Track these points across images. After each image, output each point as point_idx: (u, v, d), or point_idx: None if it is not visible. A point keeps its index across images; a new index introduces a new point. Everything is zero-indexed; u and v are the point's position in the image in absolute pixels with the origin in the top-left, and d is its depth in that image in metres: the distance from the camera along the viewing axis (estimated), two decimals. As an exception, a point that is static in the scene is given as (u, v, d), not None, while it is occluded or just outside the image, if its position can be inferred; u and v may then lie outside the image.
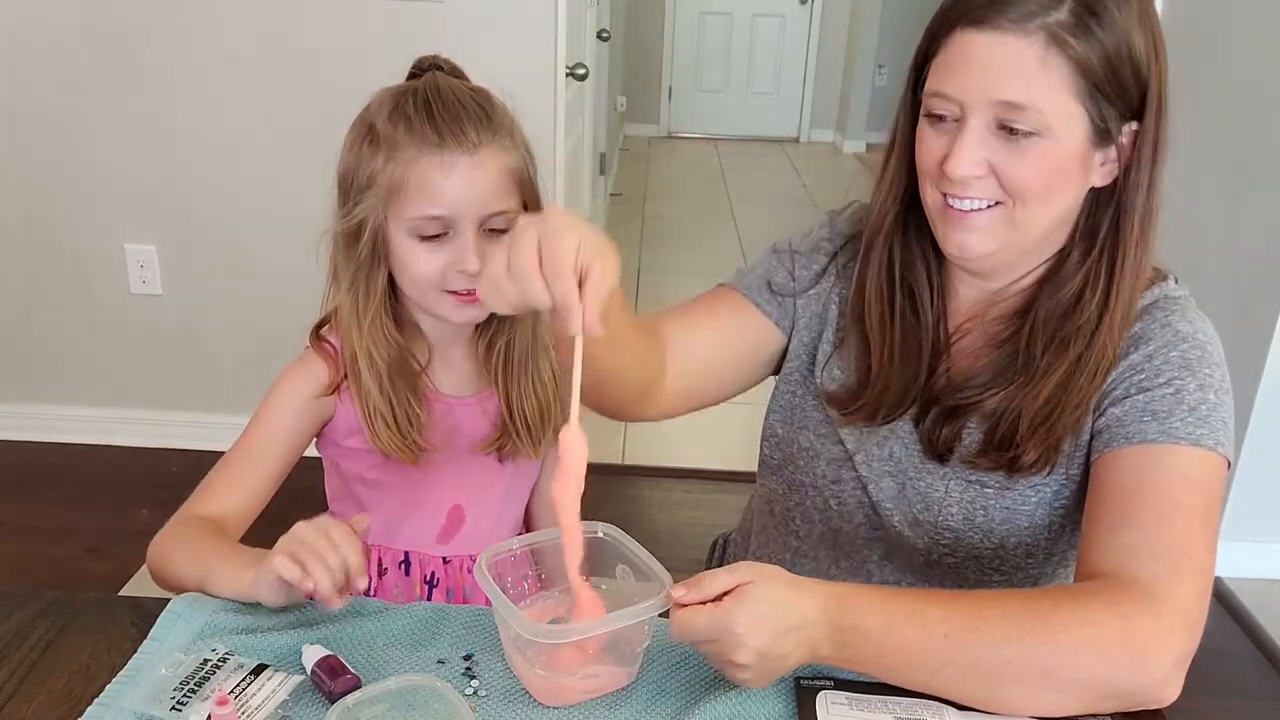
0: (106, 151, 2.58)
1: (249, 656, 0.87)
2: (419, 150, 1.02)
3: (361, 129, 1.08)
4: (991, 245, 0.95)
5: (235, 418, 3.16)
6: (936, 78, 0.93)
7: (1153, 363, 0.94)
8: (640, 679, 0.88)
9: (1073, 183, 0.93)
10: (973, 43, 0.90)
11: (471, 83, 1.11)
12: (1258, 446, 2.33)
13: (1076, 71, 0.88)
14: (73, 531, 2.45)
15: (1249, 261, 2.36)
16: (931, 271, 1.04)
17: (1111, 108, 0.90)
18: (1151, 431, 0.91)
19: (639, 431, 3.00)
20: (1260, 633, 2.26)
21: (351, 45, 2.44)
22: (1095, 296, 0.95)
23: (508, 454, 1.19)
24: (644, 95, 7.24)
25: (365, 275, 1.08)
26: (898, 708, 0.83)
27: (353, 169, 1.07)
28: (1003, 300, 1.03)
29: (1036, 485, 0.99)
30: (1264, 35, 2.37)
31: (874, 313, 1.04)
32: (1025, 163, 0.90)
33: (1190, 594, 0.84)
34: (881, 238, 1.04)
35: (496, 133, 1.05)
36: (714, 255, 4.64)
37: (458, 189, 1.02)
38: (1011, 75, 0.88)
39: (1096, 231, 0.96)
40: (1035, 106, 0.88)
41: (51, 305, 2.74)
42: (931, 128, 0.95)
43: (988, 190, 0.93)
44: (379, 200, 1.05)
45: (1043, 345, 0.97)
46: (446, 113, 1.03)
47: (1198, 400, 0.91)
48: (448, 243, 1.04)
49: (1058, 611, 0.82)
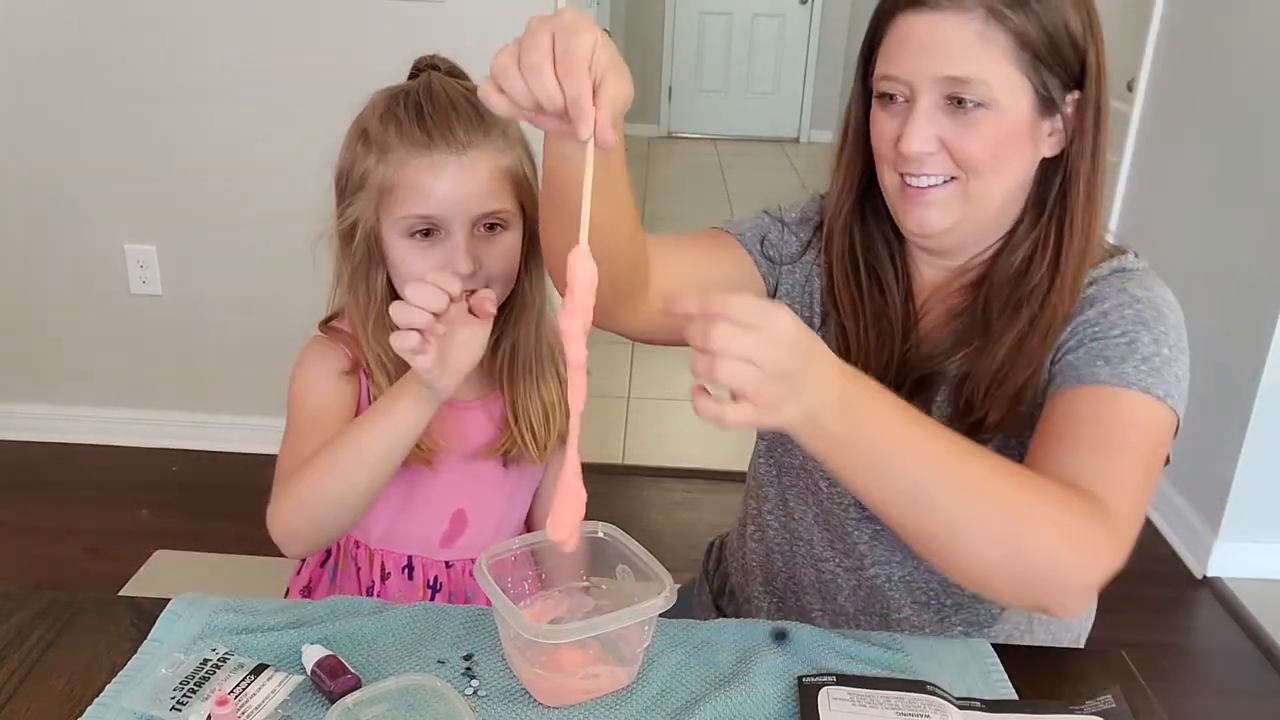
0: (106, 151, 2.58)
1: (249, 656, 0.87)
2: (408, 151, 1.02)
3: (357, 129, 1.08)
4: (949, 220, 0.98)
5: (235, 418, 3.17)
6: (884, 62, 0.97)
7: (1107, 318, 0.96)
8: (641, 679, 0.88)
9: (1022, 153, 0.96)
10: (914, 24, 0.93)
11: (470, 82, 1.10)
12: (1258, 446, 2.33)
13: (1016, 43, 0.91)
14: (73, 531, 2.45)
15: (1249, 262, 2.36)
16: (894, 253, 1.07)
17: (1053, 76, 0.93)
18: (1104, 374, 0.92)
19: (639, 431, 3.00)
20: (1260, 633, 2.26)
21: (351, 45, 2.44)
22: (1045, 259, 0.98)
23: (512, 459, 1.18)
24: (644, 95, 7.24)
25: (363, 276, 1.08)
26: (900, 703, 0.83)
27: (347, 168, 1.08)
28: (963, 275, 1.05)
29: (1004, 449, 1.00)
30: (1264, 36, 2.37)
31: (843, 297, 1.08)
32: (975, 135, 0.93)
33: (1133, 518, 0.86)
34: (841, 224, 1.07)
35: (488, 132, 1.04)
36: (714, 255, 4.63)
37: (447, 190, 1.02)
38: (954, 51, 0.92)
39: (1045, 199, 0.99)
40: (979, 79, 0.91)
41: (51, 305, 2.74)
42: (883, 110, 0.98)
43: (941, 166, 0.95)
44: (370, 201, 1.05)
45: (997, 309, 1.00)
46: (437, 114, 1.03)
47: (1150, 352, 0.93)
48: (439, 243, 1.04)
49: (1045, 485, 0.84)
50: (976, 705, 0.84)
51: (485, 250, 1.05)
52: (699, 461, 2.82)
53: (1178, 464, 0.98)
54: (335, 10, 2.45)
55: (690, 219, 5.39)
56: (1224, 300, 2.43)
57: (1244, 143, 2.41)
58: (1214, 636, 2.32)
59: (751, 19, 7.18)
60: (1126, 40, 3.01)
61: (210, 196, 2.61)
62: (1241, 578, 2.42)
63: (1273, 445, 2.33)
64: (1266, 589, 2.38)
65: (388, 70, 1.13)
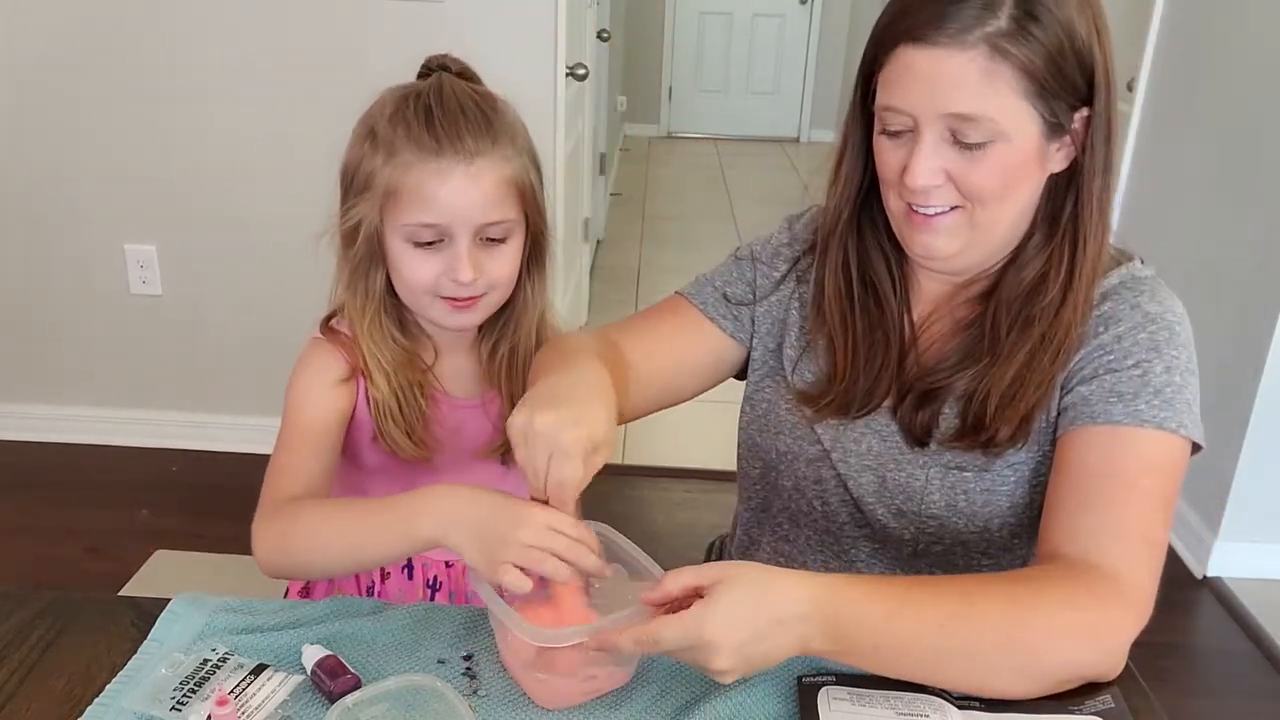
0: (106, 151, 2.58)
1: (249, 656, 0.87)
2: (415, 156, 1.01)
3: (365, 127, 1.07)
4: (955, 245, 0.97)
5: (235, 418, 3.16)
6: (885, 92, 0.94)
7: (1121, 344, 0.96)
8: (641, 679, 0.88)
9: (1031, 178, 0.95)
10: (915, 58, 0.90)
11: (480, 85, 1.09)
12: (1258, 446, 2.33)
13: (1023, 76, 0.89)
14: (73, 531, 2.45)
15: (1249, 262, 2.36)
16: (891, 265, 1.06)
17: (1060, 101, 0.91)
18: (1117, 413, 0.93)
19: (639, 431, 3.00)
20: (1260, 633, 2.26)
21: (351, 45, 2.44)
22: (1059, 277, 0.97)
23: (511, 458, 1.18)
24: (644, 95, 7.24)
25: (363, 275, 1.08)
26: (899, 703, 0.83)
27: (353, 166, 1.07)
28: (969, 287, 1.04)
29: (1013, 464, 1.01)
30: (1264, 36, 2.37)
31: (834, 310, 1.06)
32: (982, 169, 0.92)
33: (1149, 578, 0.88)
34: (836, 237, 1.06)
35: (497, 140, 1.03)
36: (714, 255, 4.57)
37: (452, 197, 1.01)
38: (958, 89, 0.89)
39: (1058, 215, 0.98)
40: (987, 116, 0.89)
41: (52, 305, 2.74)
42: (889, 139, 0.96)
43: (947, 197, 0.94)
44: (375, 203, 1.04)
45: (1007, 325, 0.99)
46: (446, 119, 1.02)
47: (1163, 383, 0.93)
48: (442, 249, 1.03)
49: (1044, 599, 0.84)
50: (976, 705, 0.84)
51: (487, 258, 1.05)
52: (699, 461, 2.82)
53: (1178, 463, 0.98)
54: (335, 10, 2.45)
55: (690, 219, 5.40)
56: (1224, 300, 2.43)
57: (1244, 143, 2.41)
58: (1214, 636, 2.32)
59: (751, 19, 7.18)
60: (1126, 40, 3.01)
61: (210, 196, 2.61)
62: (1241, 578, 2.42)
63: (1273, 445, 2.33)
64: (1266, 589, 2.38)
65: (388, 70, 1.13)
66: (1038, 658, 0.83)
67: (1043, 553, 0.93)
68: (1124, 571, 0.86)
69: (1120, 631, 0.85)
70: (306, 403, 1.09)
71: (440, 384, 1.15)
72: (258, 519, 1.00)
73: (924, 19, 0.89)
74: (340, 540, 0.96)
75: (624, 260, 4.64)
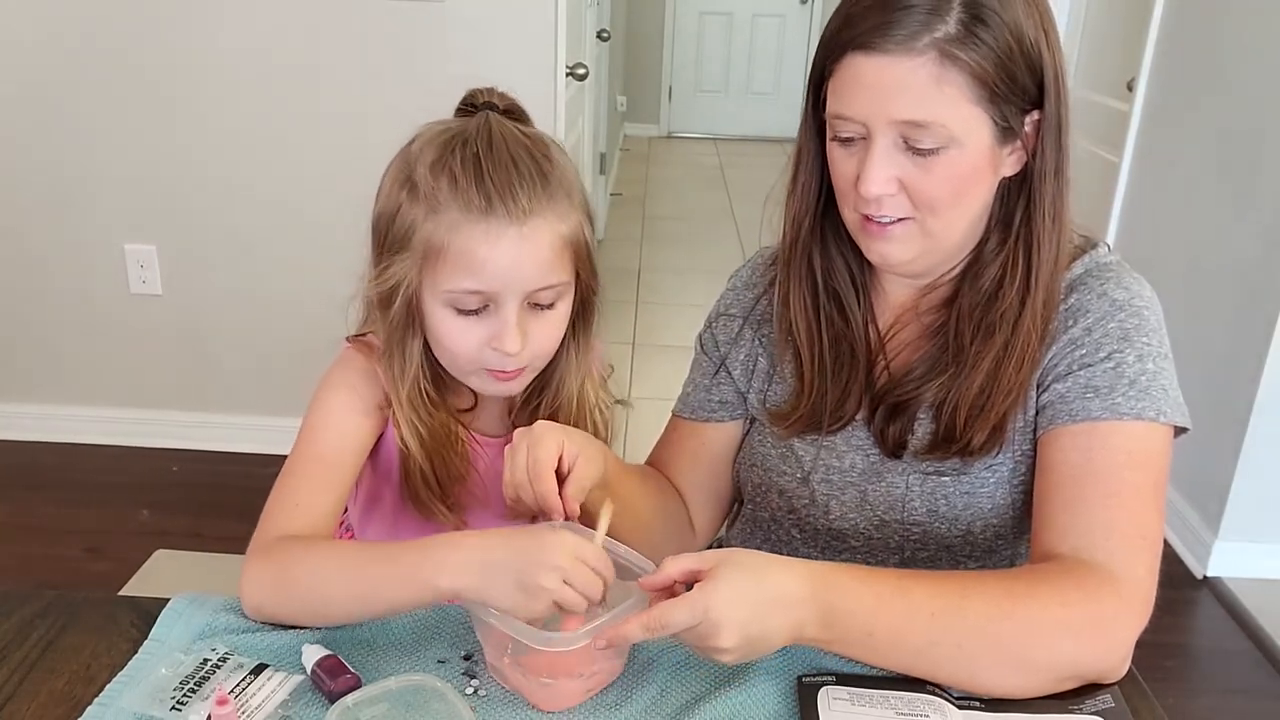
0: (106, 151, 2.58)
1: (249, 656, 0.87)
2: (462, 215, 0.91)
3: (402, 173, 0.96)
4: (910, 253, 0.97)
5: (235, 418, 3.17)
6: (835, 101, 0.93)
7: (1092, 336, 0.95)
8: (641, 679, 0.88)
9: (983, 183, 0.94)
10: (863, 66, 0.89)
11: (530, 127, 0.99)
12: (1257, 446, 2.33)
13: (973, 81, 0.88)
14: (73, 531, 2.45)
15: (1249, 262, 2.36)
16: (854, 273, 1.05)
17: (1011, 105, 0.91)
18: (1095, 409, 0.92)
19: (639, 432, 3.00)
20: (1260, 633, 2.26)
21: (351, 45, 2.44)
22: (1015, 283, 0.96)
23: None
24: (644, 95, 7.24)
25: (399, 341, 0.98)
26: (899, 703, 0.83)
27: (388, 217, 0.96)
28: (932, 291, 1.04)
29: (991, 466, 1.01)
30: (1264, 36, 2.37)
31: (800, 324, 1.06)
32: (935, 176, 0.91)
33: (1146, 573, 0.87)
34: (800, 249, 1.05)
35: (553, 197, 0.93)
36: (714, 255, 4.62)
37: (502, 262, 0.91)
38: (908, 95, 0.88)
39: (1010, 219, 0.97)
40: (938, 122, 0.89)
41: (51, 305, 2.74)
42: (841, 148, 0.95)
43: (899, 207, 0.93)
44: (414, 263, 0.94)
45: (970, 334, 0.98)
46: (497, 173, 0.91)
47: (1137, 372, 0.93)
48: (487, 316, 0.94)
49: (1036, 593, 0.85)
50: (976, 705, 0.84)
51: (534, 325, 0.96)
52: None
53: (1178, 464, 0.98)
54: (335, 10, 2.44)
55: (690, 219, 5.40)
56: (1224, 300, 2.43)
57: (1244, 143, 2.41)
58: (1214, 636, 2.32)
59: (751, 19, 7.19)
60: (1126, 40, 3.01)
61: (210, 196, 2.61)
62: (1241, 578, 2.42)
63: (1272, 445, 2.33)
64: (1266, 589, 2.38)
65: (387, 70, 1.13)
66: (1026, 652, 0.83)
67: (1036, 555, 0.93)
68: (1118, 567, 0.86)
69: (1117, 627, 0.85)
70: (327, 427, 1.00)
71: (474, 423, 1.09)
72: (251, 553, 0.93)
73: (871, 26, 0.88)
74: (346, 588, 0.89)
75: (624, 260, 4.64)
